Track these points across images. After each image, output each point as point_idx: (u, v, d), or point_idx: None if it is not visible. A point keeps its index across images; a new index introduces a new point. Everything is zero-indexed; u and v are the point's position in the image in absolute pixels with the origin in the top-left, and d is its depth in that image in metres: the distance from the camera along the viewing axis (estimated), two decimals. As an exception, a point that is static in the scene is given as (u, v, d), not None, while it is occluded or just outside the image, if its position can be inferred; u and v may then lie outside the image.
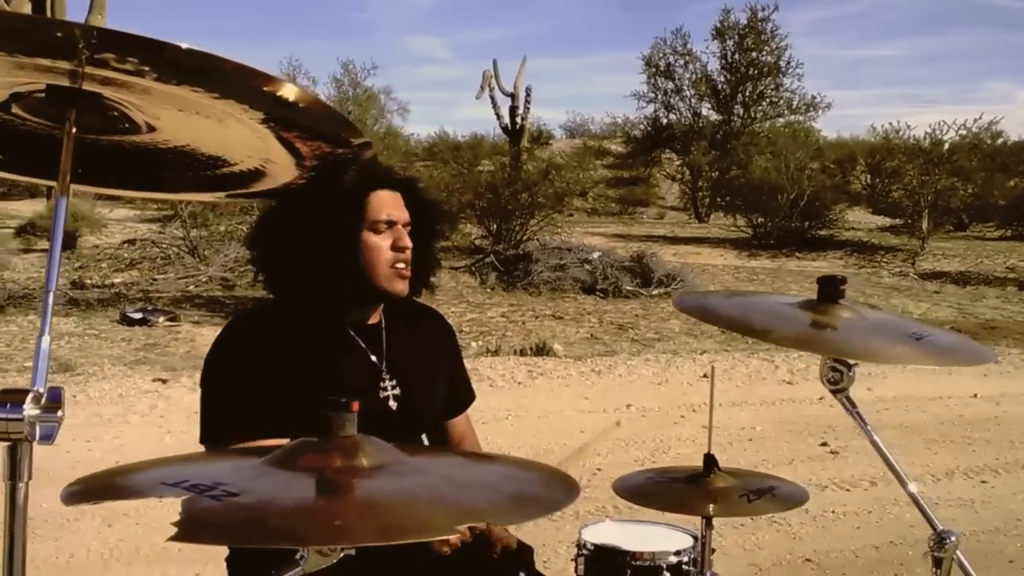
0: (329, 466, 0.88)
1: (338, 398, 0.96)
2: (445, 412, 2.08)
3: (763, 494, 1.93)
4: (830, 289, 1.40)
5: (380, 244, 1.81)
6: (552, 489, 0.96)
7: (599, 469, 5.10)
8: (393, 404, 1.87)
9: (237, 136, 0.86)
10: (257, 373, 1.75)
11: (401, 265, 1.83)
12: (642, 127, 29.58)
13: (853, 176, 27.15)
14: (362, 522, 0.75)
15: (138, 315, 9.13)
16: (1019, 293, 12.89)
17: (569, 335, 9.00)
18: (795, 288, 12.56)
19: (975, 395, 6.91)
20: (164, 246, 12.94)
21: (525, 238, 12.83)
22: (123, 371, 7.10)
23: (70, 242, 14.07)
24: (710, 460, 1.99)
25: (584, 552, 2.28)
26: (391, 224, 1.82)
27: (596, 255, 11.79)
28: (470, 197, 13.06)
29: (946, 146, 19.46)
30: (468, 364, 2.24)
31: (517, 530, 2.06)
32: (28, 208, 17.88)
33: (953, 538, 1.34)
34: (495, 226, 12.98)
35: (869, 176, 26.54)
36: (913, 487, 1.44)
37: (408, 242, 1.83)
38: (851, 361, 1.37)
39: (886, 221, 19.95)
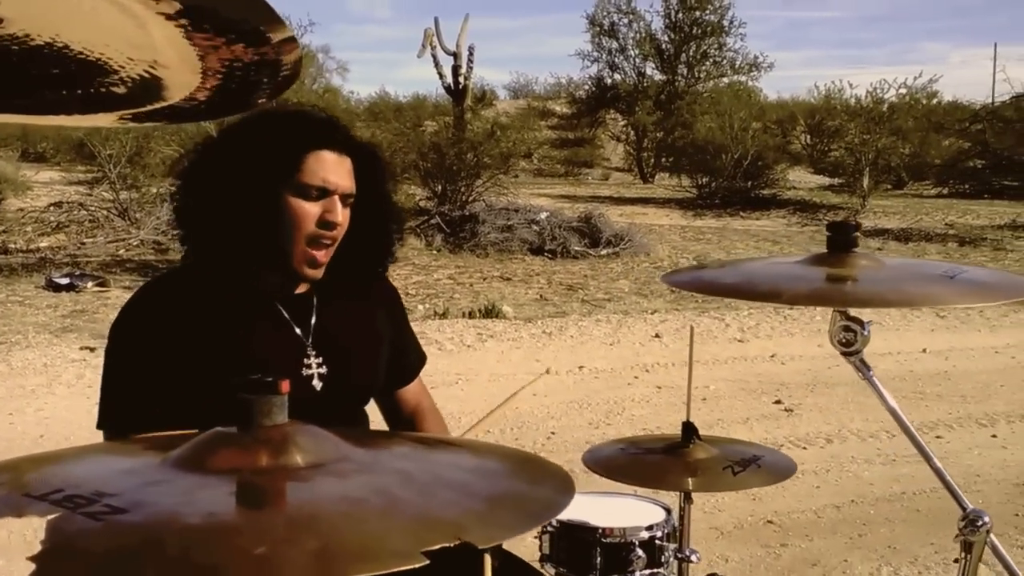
0: (251, 466, 0.66)
1: (261, 376, 0.74)
2: (394, 382, 1.86)
3: (748, 465, 1.76)
4: (841, 237, 1.22)
5: (305, 213, 1.53)
6: (538, 484, 0.75)
7: (553, 433, 4.96)
8: (317, 384, 1.62)
9: (109, 25, 0.63)
10: (165, 348, 1.52)
11: (323, 243, 1.56)
12: (586, 87, 29.27)
13: (793, 136, 27.34)
14: (294, 548, 0.54)
15: (65, 280, 8.67)
16: (960, 249, 13.08)
17: (518, 297, 8.81)
18: (740, 247, 12.56)
19: (924, 350, 6.93)
20: (92, 209, 12.35)
21: (471, 199, 12.55)
22: (48, 339, 6.71)
23: (-8, 206, 13.40)
24: (689, 428, 1.82)
25: (549, 529, 2.10)
26: (325, 192, 1.54)
27: (543, 216, 11.59)
28: (414, 157, 12.70)
29: (885, 105, 19.61)
30: (415, 327, 2.01)
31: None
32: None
33: (986, 519, 1.18)
34: (440, 187, 12.67)
35: (809, 136, 26.75)
36: (938, 463, 1.26)
37: (339, 218, 1.55)
38: (865, 319, 1.19)
39: (826, 180, 20.13)
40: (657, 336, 7.20)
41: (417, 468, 0.75)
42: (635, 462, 1.79)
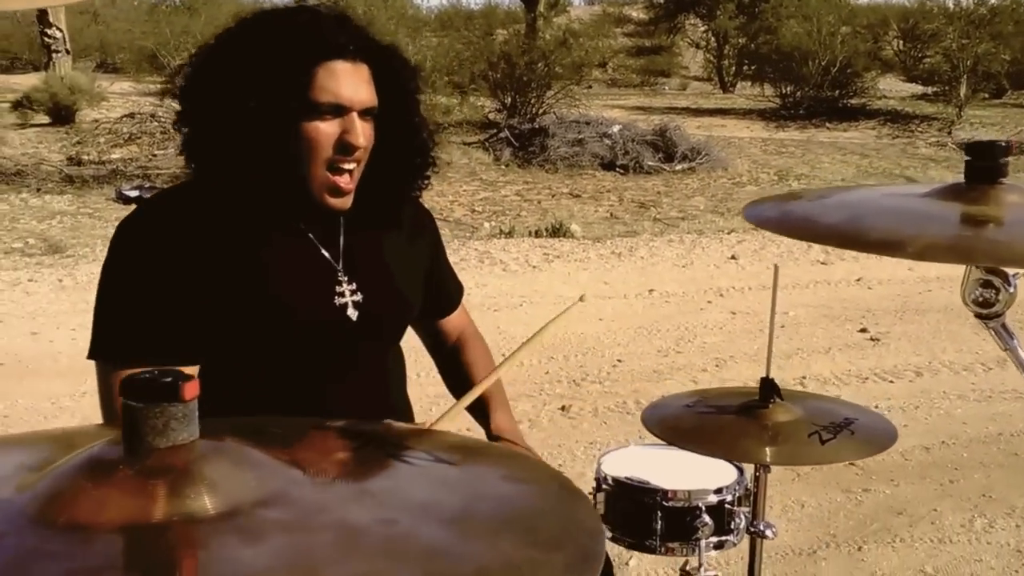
0: (134, 519, 0.43)
1: (153, 371, 0.51)
2: (433, 313, 1.68)
3: (839, 431, 1.50)
4: (986, 162, 0.91)
5: (320, 136, 1.32)
6: (551, 549, 0.50)
7: (619, 360, 4.73)
8: (353, 313, 1.43)
9: None
10: (174, 270, 1.31)
11: (344, 168, 1.35)
12: (665, -9, 27.98)
13: (885, 41, 25.76)
14: None
15: (134, 192, 8.68)
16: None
17: (587, 215, 8.48)
18: (826, 160, 11.88)
19: (1026, 275, 6.42)
20: (163, 120, 12.35)
21: (541, 111, 12.11)
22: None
23: (68, 116, 13.53)
24: (769, 386, 1.55)
25: (605, 487, 1.88)
26: (340, 110, 1.33)
27: (616, 129, 11.10)
28: (483, 67, 12.27)
29: (986, 7, 18.19)
30: (480, 246, 1.81)
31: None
32: (29, 82, 17.21)
33: None
34: (509, 99, 12.25)
35: (902, 41, 25.16)
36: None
37: (360, 138, 1.33)
38: (1011, 271, 0.90)
39: (919, 89, 18.93)
40: (733, 258, 6.83)
41: (377, 516, 0.51)
42: (703, 425, 1.53)
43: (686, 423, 1.55)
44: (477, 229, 7.59)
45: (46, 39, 16.60)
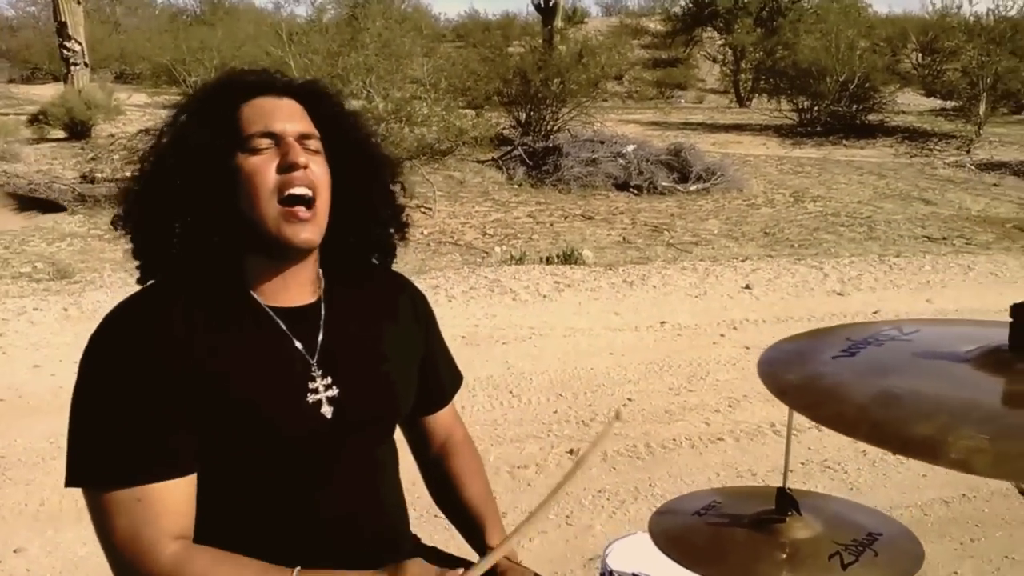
0: None
1: None
2: (421, 407, 1.55)
3: (861, 552, 1.39)
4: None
5: (260, 167, 1.26)
6: None
7: (630, 399, 4.63)
8: (327, 410, 1.32)
9: None
10: (143, 384, 1.22)
11: (296, 193, 1.27)
12: (683, 3, 27.93)
13: (903, 55, 25.58)
14: None
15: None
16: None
17: (600, 238, 8.39)
18: (843, 181, 11.73)
19: (1048, 310, 6.27)
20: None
21: (556, 129, 12.04)
22: (123, 279, 6.66)
23: (83, 131, 13.56)
24: (785, 499, 1.45)
25: (610, 583, 1.79)
26: (273, 138, 1.27)
27: (630, 148, 11.01)
28: (498, 84, 12.21)
29: (1007, 23, 17.98)
30: (490, 274, 1.72)
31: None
32: (49, 92, 17.31)
33: None
34: (524, 116, 12.18)
35: (920, 55, 24.97)
36: None
37: (299, 156, 1.26)
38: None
39: (938, 104, 18.74)
40: (747, 287, 6.71)
41: None
42: (714, 541, 1.43)
43: (696, 537, 1.45)
44: (488, 255, 7.52)
45: (65, 52, 16.69)
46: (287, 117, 1.30)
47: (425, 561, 1.28)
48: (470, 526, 1.52)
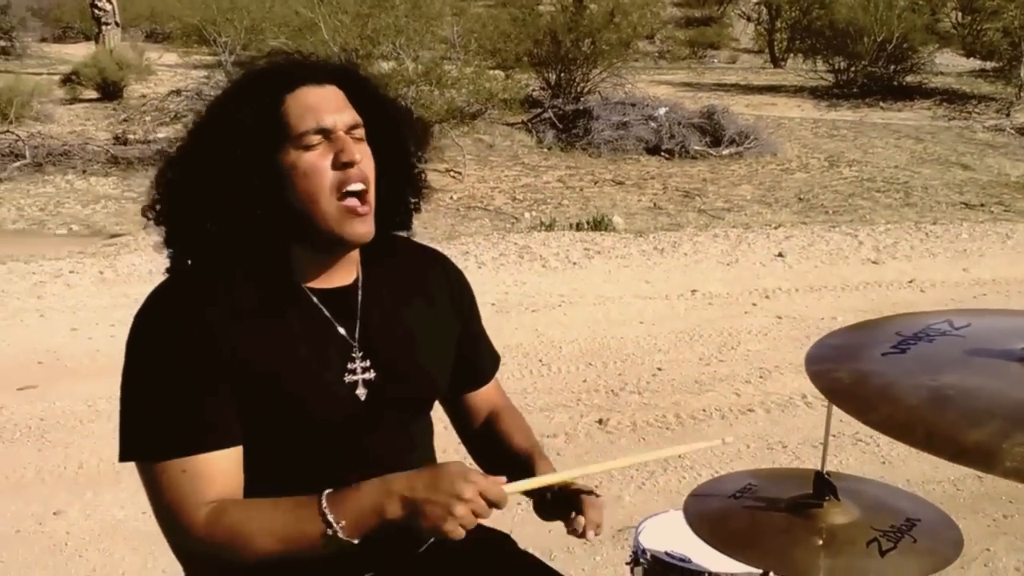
0: None
1: None
2: (462, 386, 1.55)
3: (899, 538, 1.37)
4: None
5: (316, 164, 1.25)
6: None
7: (659, 369, 4.62)
8: (362, 392, 1.34)
9: None
10: (191, 361, 1.25)
11: (354, 190, 1.27)
12: (717, -40, 27.35)
13: (943, 13, 24.87)
14: None
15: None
16: None
17: (630, 204, 8.32)
18: (879, 145, 11.51)
19: (1088, 279, 6.15)
20: (208, 98, 12.38)
21: (586, 90, 11.89)
22: (157, 243, 6.74)
23: (116, 91, 13.64)
24: (823, 483, 1.43)
25: (643, 562, 1.79)
26: (325, 133, 1.26)
27: (662, 111, 10.86)
28: (528, 45, 12.07)
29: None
30: (519, 240, 1.72)
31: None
32: (80, 52, 17.40)
33: None
34: (554, 77, 12.04)
35: (960, 14, 24.27)
36: None
37: (354, 154, 1.26)
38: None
39: (977, 64, 18.25)
40: (780, 255, 6.64)
41: None
42: (750, 525, 1.42)
43: (732, 521, 1.44)
44: (518, 220, 7.49)
45: (96, 11, 16.73)
46: (335, 109, 1.28)
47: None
48: (519, 467, 1.46)
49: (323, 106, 1.27)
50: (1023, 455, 0.70)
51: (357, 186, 1.27)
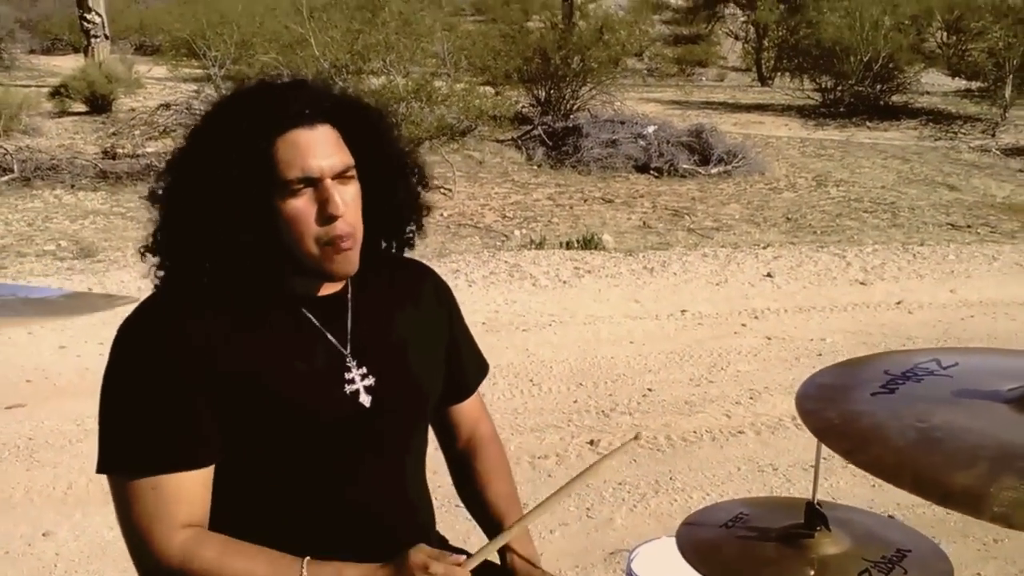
0: None
1: None
2: (448, 396, 1.56)
3: (890, 570, 1.39)
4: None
5: (301, 212, 1.26)
6: None
7: (649, 389, 4.64)
8: (366, 399, 1.35)
9: None
10: (174, 375, 1.25)
11: (338, 240, 1.28)
12: (705, -21, 27.58)
13: (928, 33, 25.15)
14: None
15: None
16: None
17: (620, 222, 8.36)
18: (866, 165, 11.62)
19: (1072, 301, 6.22)
20: (198, 112, 12.36)
21: (575, 107, 11.95)
22: (147, 258, 6.71)
23: (104, 105, 13.60)
24: (814, 514, 1.45)
25: (632, 589, 1.80)
26: (311, 181, 1.26)
27: (651, 129, 10.93)
28: (518, 62, 12.13)
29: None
30: (510, 258, 1.72)
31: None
32: (69, 64, 17.34)
33: None
34: (544, 94, 12.10)
35: (945, 34, 24.56)
36: None
37: (338, 208, 1.26)
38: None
39: (963, 84, 18.45)
40: (769, 275, 6.68)
41: None
42: (742, 555, 1.43)
43: (724, 551, 1.45)
44: (508, 238, 7.51)
45: (85, 23, 16.70)
46: (323, 154, 1.27)
47: (427, 546, 1.28)
48: (492, 525, 1.53)
49: (312, 151, 1.26)
50: (1010, 500, 0.71)
51: (341, 235, 1.28)
